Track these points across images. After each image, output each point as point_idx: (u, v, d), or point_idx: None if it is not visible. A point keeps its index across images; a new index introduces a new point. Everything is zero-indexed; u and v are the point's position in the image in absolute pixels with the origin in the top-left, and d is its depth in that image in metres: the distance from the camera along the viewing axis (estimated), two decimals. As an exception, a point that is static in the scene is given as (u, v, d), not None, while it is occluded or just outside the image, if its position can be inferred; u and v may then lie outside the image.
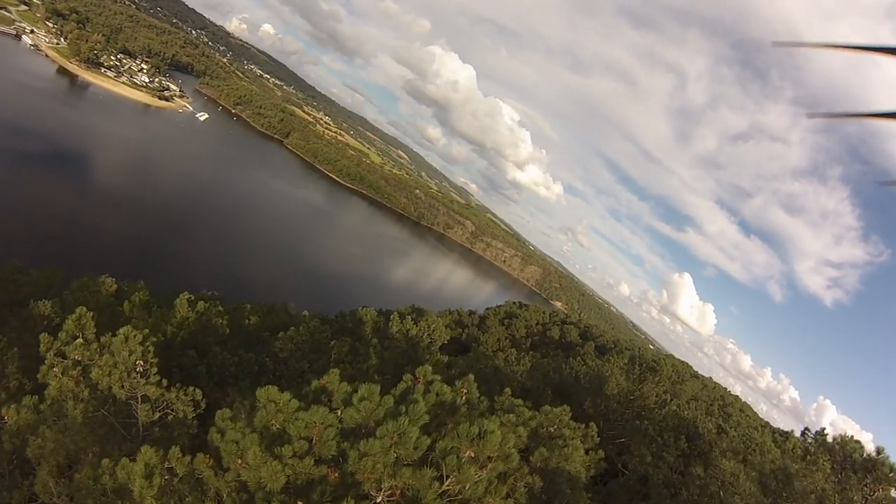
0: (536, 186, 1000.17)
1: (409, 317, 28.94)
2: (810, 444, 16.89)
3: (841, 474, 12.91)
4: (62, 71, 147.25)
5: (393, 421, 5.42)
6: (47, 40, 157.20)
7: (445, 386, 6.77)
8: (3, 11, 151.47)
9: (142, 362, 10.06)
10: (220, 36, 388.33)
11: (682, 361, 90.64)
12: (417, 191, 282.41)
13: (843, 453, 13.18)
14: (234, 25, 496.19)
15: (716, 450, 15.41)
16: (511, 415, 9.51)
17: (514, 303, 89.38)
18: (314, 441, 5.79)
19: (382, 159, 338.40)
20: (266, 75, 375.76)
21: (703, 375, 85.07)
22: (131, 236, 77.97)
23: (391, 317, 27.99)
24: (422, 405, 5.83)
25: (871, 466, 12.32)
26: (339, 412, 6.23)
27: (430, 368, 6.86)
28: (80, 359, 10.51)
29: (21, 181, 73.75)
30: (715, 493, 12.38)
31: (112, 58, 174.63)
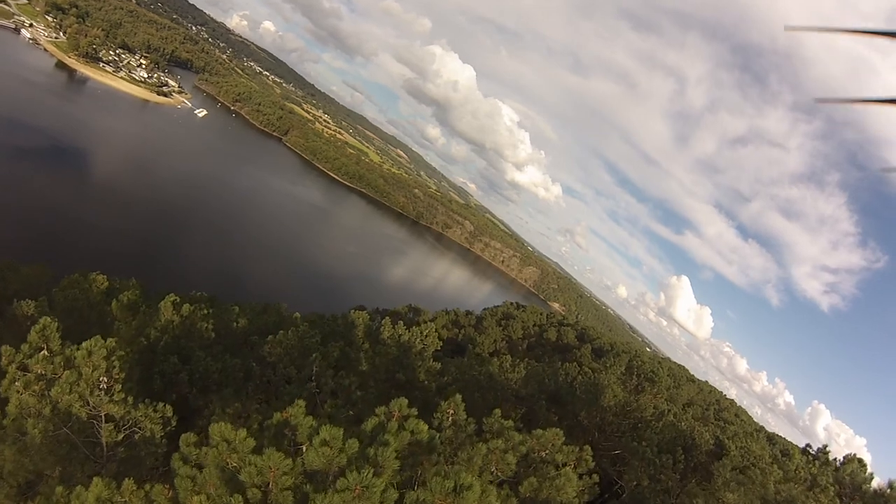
0: (535, 187, 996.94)
1: (402, 321, 28.36)
2: (813, 463, 16.33)
3: (849, 504, 12.43)
4: (61, 65, 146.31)
5: (355, 473, 4.81)
6: (46, 34, 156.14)
7: (422, 423, 6.17)
8: (2, 5, 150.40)
9: (105, 379, 9.42)
10: (221, 32, 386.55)
11: (678, 365, 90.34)
12: (416, 190, 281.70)
13: (853, 484, 12.63)
14: (235, 22, 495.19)
15: (718, 479, 14.86)
16: (499, 440, 8.92)
17: (512, 304, 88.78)
18: (270, 487, 5.22)
19: (381, 158, 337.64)
20: (266, 72, 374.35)
21: (699, 379, 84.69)
22: (128, 232, 77.46)
23: (383, 321, 27.39)
24: (392, 448, 5.21)
25: (884, 502, 11.79)
26: (304, 448, 5.64)
27: (406, 402, 6.27)
28: (43, 372, 9.91)
29: (18, 176, 73.10)
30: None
31: (111, 53, 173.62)
